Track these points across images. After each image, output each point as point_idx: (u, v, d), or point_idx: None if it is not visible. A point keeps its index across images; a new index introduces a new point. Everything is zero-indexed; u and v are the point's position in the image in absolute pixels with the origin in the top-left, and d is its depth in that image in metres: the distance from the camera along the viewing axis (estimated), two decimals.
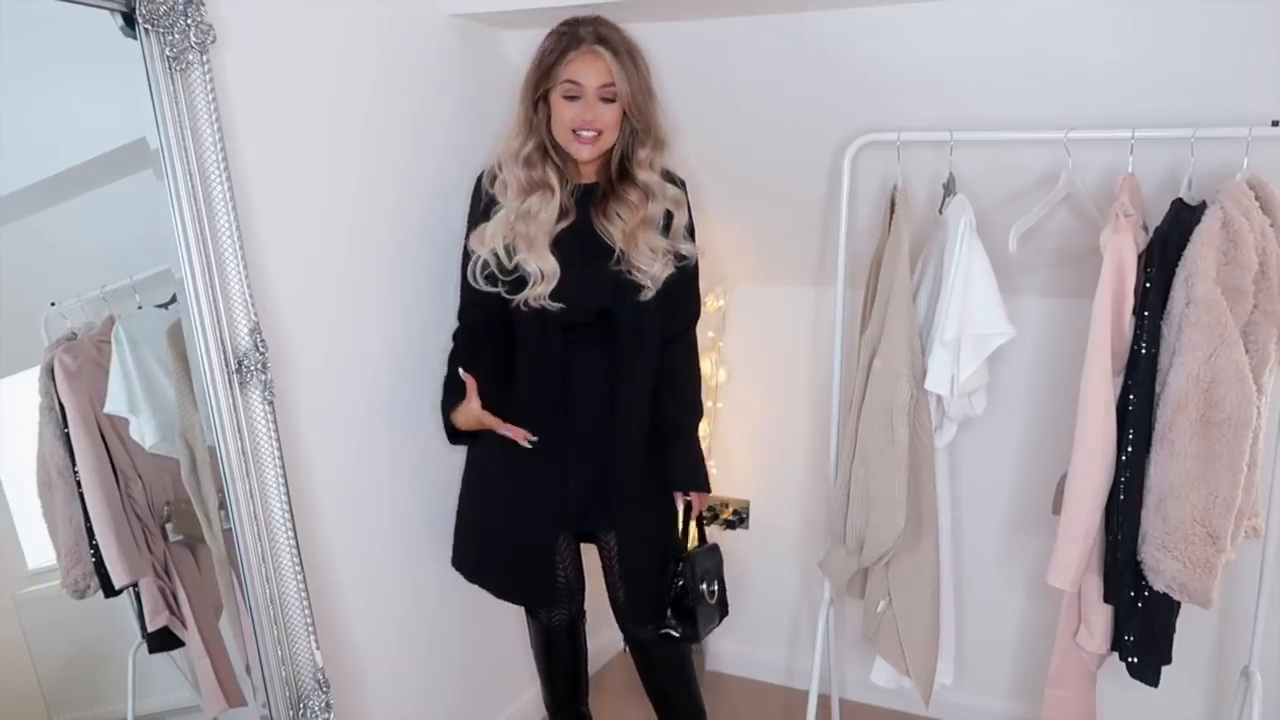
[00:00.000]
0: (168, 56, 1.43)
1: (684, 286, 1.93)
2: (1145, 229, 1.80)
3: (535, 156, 1.79)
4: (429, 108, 1.99)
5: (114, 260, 1.58)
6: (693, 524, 2.07)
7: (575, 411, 1.89)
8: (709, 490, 2.05)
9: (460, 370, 1.81)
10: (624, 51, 1.74)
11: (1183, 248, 1.67)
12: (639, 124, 1.79)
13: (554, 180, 1.80)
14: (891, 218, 1.96)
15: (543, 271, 1.78)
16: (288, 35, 1.65)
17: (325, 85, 1.74)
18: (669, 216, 1.86)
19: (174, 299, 1.54)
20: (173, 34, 1.43)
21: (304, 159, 1.71)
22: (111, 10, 1.39)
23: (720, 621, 2.09)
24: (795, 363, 2.56)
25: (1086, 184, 1.89)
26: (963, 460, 2.36)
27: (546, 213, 1.79)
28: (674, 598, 2.02)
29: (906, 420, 1.91)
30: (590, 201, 1.84)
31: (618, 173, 1.84)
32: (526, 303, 1.80)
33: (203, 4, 1.45)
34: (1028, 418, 2.32)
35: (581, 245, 1.82)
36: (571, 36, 1.73)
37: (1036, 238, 1.97)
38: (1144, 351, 1.70)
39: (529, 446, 1.83)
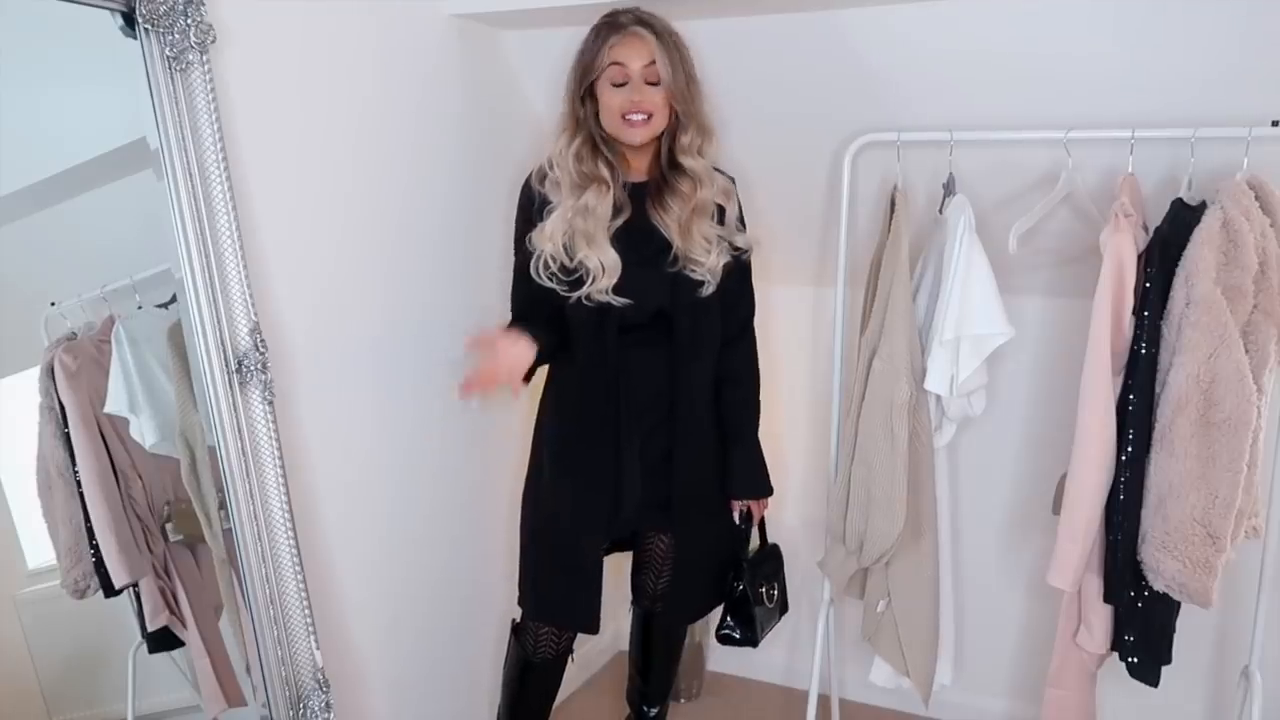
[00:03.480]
0: (168, 56, 1.43)
1: (738, 282, 1.91)
2: (1145, 229, 1.80)
3: (585, 151, 1.77)
4: (429, 107, 1.99)
5: (114, 260, 1.58)
6: (754, 528, 2.08)
7: (630, 415, 1.86)
8: (770, 494, 2.03)
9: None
10: (665, 34, 1.74)
11: (1183, 248, 1.67)
12: (681, 108, 1.77)
13: (606, 174, 1.78)
14: (891, 218, 1.96)
15: (604, 265, 1.76)
16: (288, 35, 1.65)
17: (325, 85, 1.74)
18: (720, 209, 1.85)
19: (174, 299, 1.54)
20: (173, 34, 1.43)
21: (304, 159, 1.71)
22: (111, 10, 1.39)
23: (780, 619, 2.13)
24: (795, 363, 2.57)
25: (1086, 184, 1.89)
26: (962, 460, 2.36)
27: (603, 207, 1.77)
28: (733, 603, 2.05)
29: (906, 420, 1.91)
30: (644, 197, 1.83)
31: (668, 165, 1.82)
32: (589, 297, 1.77)
33: (203, 4, 1.45)
34: (1027, 418, 2.32)
35: (639, 243, 1.80)
36: (612, 24, 1.74)
37: (1036, 238, 1.97)
38: (1144, 351, 1.70)
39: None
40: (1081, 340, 1.74)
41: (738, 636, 2.06)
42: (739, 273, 1.91)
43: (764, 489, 2.02)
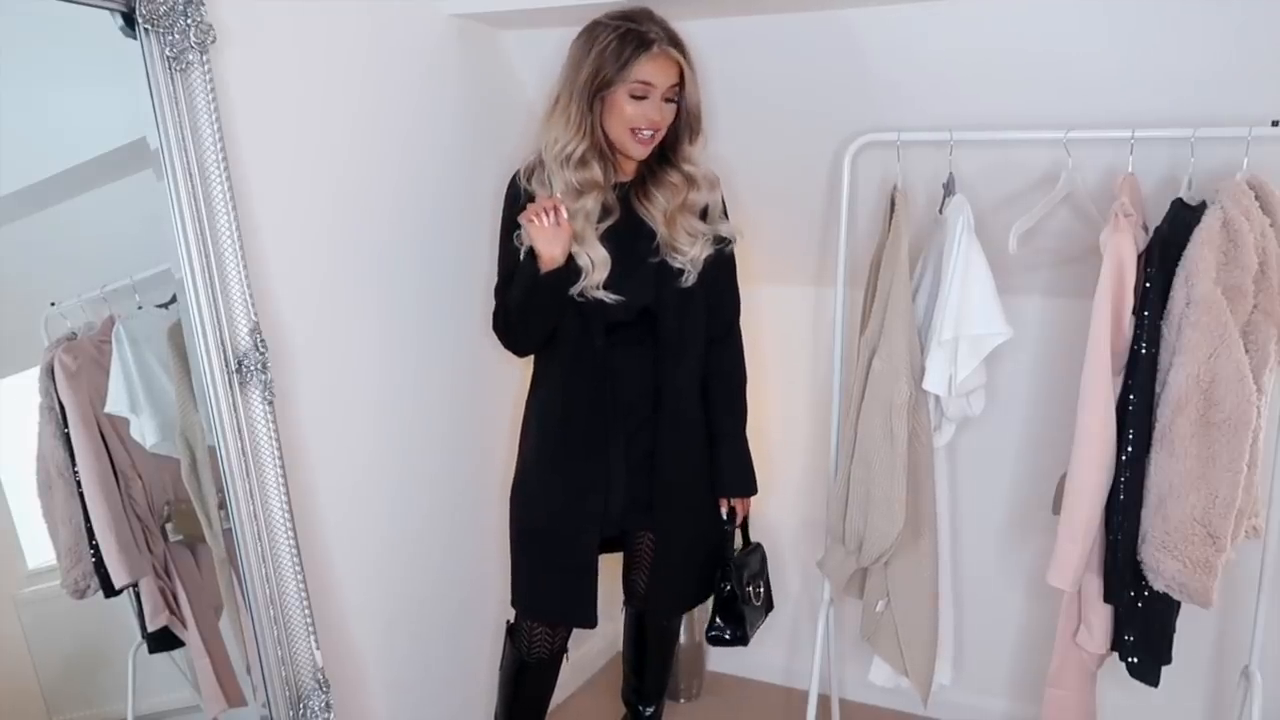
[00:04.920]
0: (168, 56, 1.43)
1: (723, 279, 1.93)
2: (1145, 229, 1.80)
3: (590, 156, 1.77)
4: (428, 107, 1.99)
5: (114, 260, 1.58)
6: (738, 527, 2.08)
7: (616, 414, 1.87)
8: (754, 492, 2.04)
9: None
10: (687, 52, 1.75)
11: (1182, 248, 1.67)
12: (694, 123, 1.81)
13: (602, 179, 1.78)
14: (891, 218, 1.96)
15: (594, 261, 1.76)
16: (288, 35, 1.65)
17: (325, 85, 1.74)
18: (706, 204, 1.87)
19: (174, 299, 1.54)
20: (173, 34, 1.43)
21: (304, 159, 1.71)
22: (111, 10, 1.39)
23: (766, 617, 2.14)
24: (795, 363, 2.57)
25: (1086, 184, 1.89)
26: (962, 460, 2.36)
27: (594, 209, 1.78)
28: (722, 603, 2.05)
29: (905, 420, 1.91)
30: (629, 192, 1.85)
31: (657, 160, 1.84)
32: (581, 294, 1.77)
33: (203, 4, 1.45)
34: (1027, 418, 2.32)
35: (627, 241, 1.81)
36: (640, 36, 1.71)
37: (1036, 238, 1.97)
38: (1144, 351, 1.70)
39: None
40: (1081, 340, 1.74)
41: (728, 636, 2.06)
42: (724, 268, 1.92)
43: (749, 488, 2.03)
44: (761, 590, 2.10)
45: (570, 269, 1.75)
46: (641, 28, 1.72)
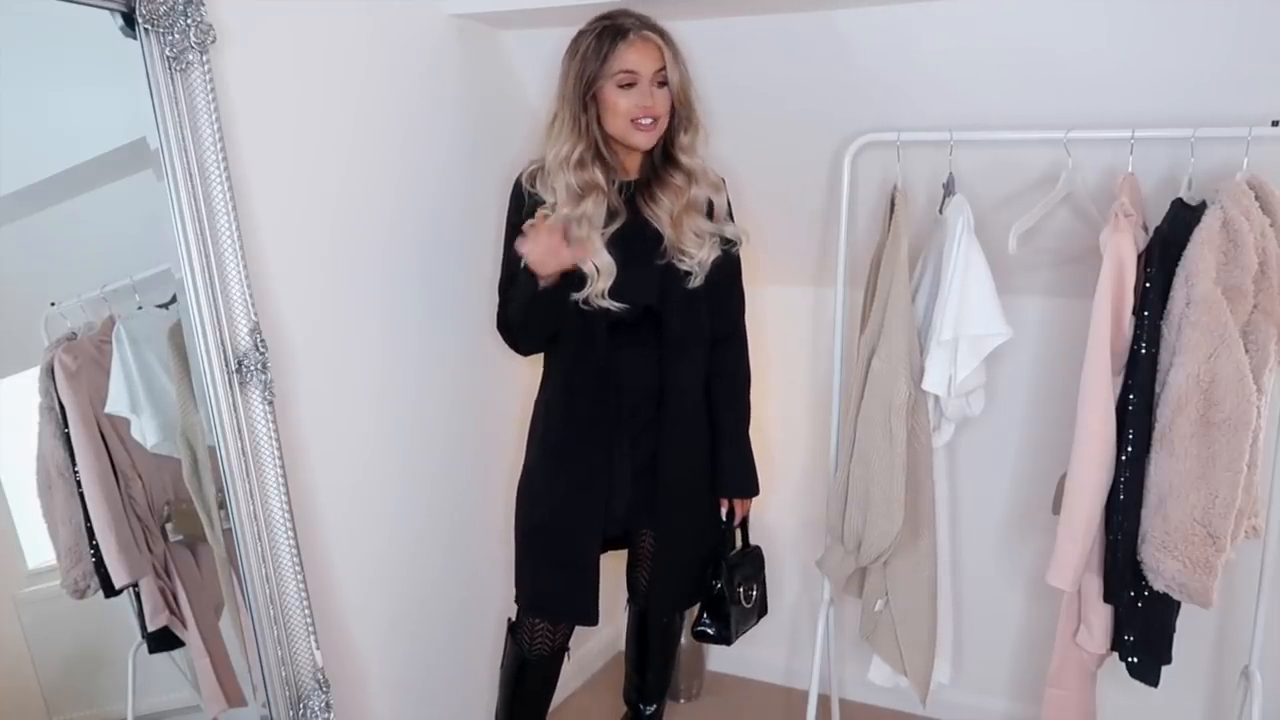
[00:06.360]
0: (168, 56, 1.43)
1: (728, 279, 1.93)
2: (1145, 229, 1.80)
3: (587, 158, 1.78)
4: (428, 107, 1.99)
5: (114, 260, 1.58)
6: (737, 527, 2.09)
7: (620, 414, 1.88)
8: (756, 493, 2.05)
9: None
10: (669, 37, 1.76)
11: (1182, 248, 1.67)
12: (684, 110, 1.81)
13: (603, 180, 1.79)
14: (891, 218, 1.96)
15: (599, 268, 1.77)
16: (288, 35, 1.65)
17: (325, 85, 1.74)
18: (710, 203, 1.88)
19: (174, 299, 1.54)
20: (173, 34, 1.43)
21: (304, 159, 1.71)
22: (111, 10, 1.39)
23: (758, 621, 2.15)
24: (795, 363, 2.57)
25: (1086, 184, 1.89)
26: (962, 460, 2.36)
27: (599, 214, 1.79)
28: (710, 601, 2.06)
29: (905, 420, 1.91)
30: (634, 194, 1.85)
31: (661, 160, 1.85)
32: (586, 301, 1.78)
33: (203, 4, 1.45)
34: (1027, 418, 2.32)
35: (633, 243, 1.82)
36: (616, 29, 1.73)
37: (1036, 238, 1.97)
38: (1144, 351, 1.70)
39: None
40: (1081, 340, 1.74)
41: (712, 633, 2.08)
42: (729, 269, 1.93)
43: (751, 489, 2.03)
44: (754, 593, 2.10)
45: (567, 282, 1.75)
46: (616, 21, 1.74)
